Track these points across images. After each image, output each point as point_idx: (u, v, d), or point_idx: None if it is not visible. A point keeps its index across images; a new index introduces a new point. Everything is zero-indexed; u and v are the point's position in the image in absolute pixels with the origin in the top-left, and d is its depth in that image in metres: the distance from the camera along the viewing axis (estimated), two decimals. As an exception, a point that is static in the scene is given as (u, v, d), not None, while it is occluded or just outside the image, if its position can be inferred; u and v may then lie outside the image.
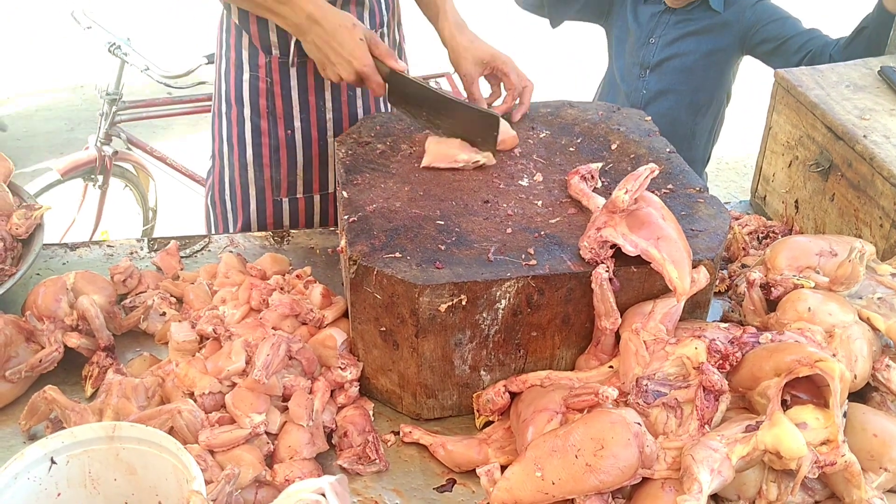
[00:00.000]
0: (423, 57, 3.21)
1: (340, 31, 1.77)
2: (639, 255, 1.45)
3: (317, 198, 2.22)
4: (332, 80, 1.84)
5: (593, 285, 1.46)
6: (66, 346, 1.62)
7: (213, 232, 2.35)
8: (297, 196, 2.20)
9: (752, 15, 2.71)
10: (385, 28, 2.14)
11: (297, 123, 2.12)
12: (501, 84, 2.03)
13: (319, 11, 1.78)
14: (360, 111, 2.17)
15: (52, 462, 1.26)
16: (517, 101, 1.99)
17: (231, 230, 2.28)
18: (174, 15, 6.80)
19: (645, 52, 2.86)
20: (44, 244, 1.85)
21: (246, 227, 2.24)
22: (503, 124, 1.80)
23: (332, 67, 1.81)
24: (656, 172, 1.48)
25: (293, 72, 2.06)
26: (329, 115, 2.13)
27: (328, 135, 2.15)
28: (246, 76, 2.10)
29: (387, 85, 1.83)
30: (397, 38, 2.23)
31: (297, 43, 1.97)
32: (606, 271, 1.45)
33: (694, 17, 2.78)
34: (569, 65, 6.95)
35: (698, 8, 2.77)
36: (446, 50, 2.06)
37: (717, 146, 3.12)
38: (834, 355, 1.37)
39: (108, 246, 2.01)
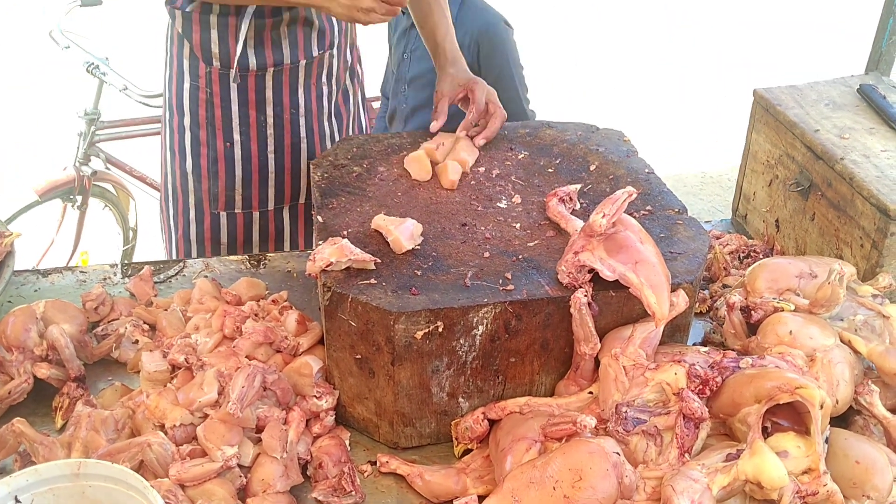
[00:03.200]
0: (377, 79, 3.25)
1: None
2: (617, 280, 1.43)
3: (256, 214, 2.18)
4: (373, 21, 1.77)
5: (572, 310, 1.44)
6: (35, 377, 1.58)
7: (167, 241, 2.33)
8: (236, 211, 2.17)
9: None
10: (334, 49, 2.13)
11: (237, 137, 2.09)
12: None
13: None
14: (302, 130, 2.14)
15: (17, 501, 1.22)
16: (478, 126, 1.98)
17: (174, 239, 2.26)
18: (152, 35, 6.78)
19: (402, 67, 2.85)
20: (15, 270, 1.81)
21: (186, 238, 2.22)
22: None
23: (363, 10, 1.74)
24: (634, 196, 1.47)
25: (233, 85, 2.04)
26: (270, 132, 2.10)
27: (268, 150, 2.11)
28: (186, 85, 2.08)
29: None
30: (349, 59, 2.22)
31: (240, 57, 1.98)
32: (585, 296, 1.43)
33: None
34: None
35: None
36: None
37: (700, 160, 3.11)
38: (816, 380, 1.36)
39: (81, 272, 1.98)
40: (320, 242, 1.56)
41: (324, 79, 2.14)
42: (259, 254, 2.06)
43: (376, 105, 3.37)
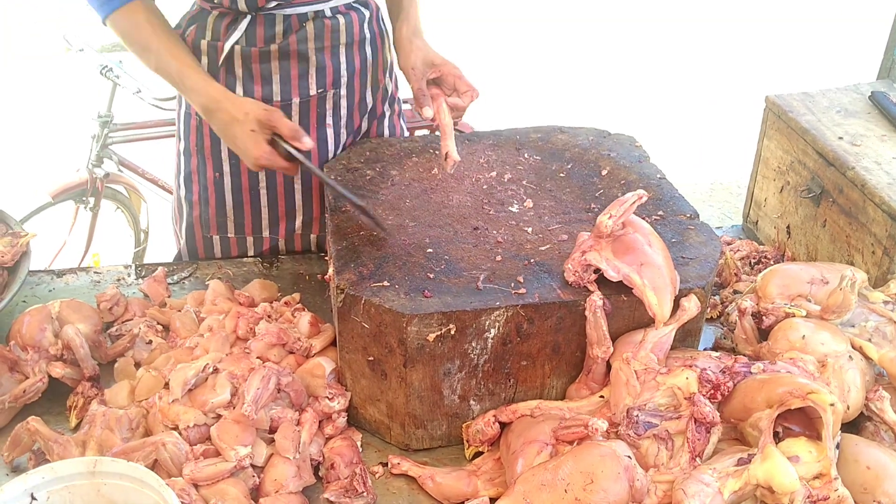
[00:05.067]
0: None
1: (232, 126, 1.70)
2: (622, 281, 1.44)
3: (250, 239, 2.08)
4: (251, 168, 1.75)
5: (587, 312, 1.44)
6: (50, 376, 1.59)
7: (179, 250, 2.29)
8: (229, 235, 2.07)
9: None
10: (344, 89, 1.96)
11: (226, 167, 1.98)
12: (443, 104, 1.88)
13: (214, 104, 1.72)
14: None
15: (33, 498, 1.23)
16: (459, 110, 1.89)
17: (177, 251, 2.20)
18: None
19: None
20: (30, 271, 1.83)
21: (182, 255, 2.16)
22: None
23: (240, 157, 1.74)
24: (644, 199, 1.47)
25: None
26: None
27: (260, 185, 1.99)
28: (182, 110, 2.01)
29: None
30: (368, 100, 2.04)
31: (225, 85, 1.85)
32: (601, 299, 1.44)
33: None
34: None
35: None
36: (397, 52, 1.96)
37: (711, 167, 3.10)
38: (827, 385, 1.36)
39: (96, 273, 1.99)
40: (333, 244, 1.57)
41: (328, 120, 1.97)
42: (271, 256, 2.08)
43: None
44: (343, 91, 1.97)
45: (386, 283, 1.47)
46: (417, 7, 1.99)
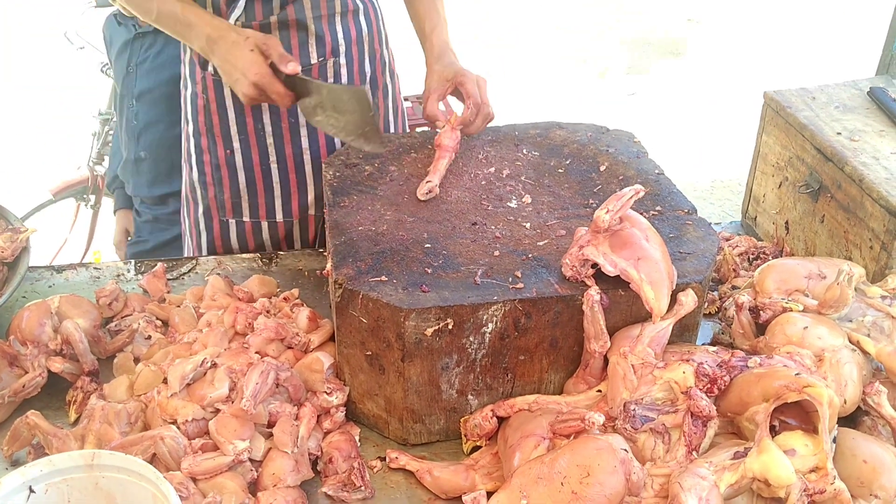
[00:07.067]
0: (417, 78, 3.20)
1: (234, 48, 1.74)
2: (619, 276, 1.44)
3: (265, 224, 2.15)
4: (244, 101, 1.77)
5: (584, 307, 1.45)
6: (49, 371, 1.60)
7: (188, 249, 2.32)
8: (244, 219, 2.15)
9: None
10: (343, 58, 2.04)
11: (237, 144, 2.06)
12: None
13: (217, 32, 1.76)
14: (304, 141, 2.07)
15: (31, 491, 1.24)
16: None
17: (192, 246, 2.24)
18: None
19: (127, 81, 2.69)
20: (30, 266, 1.83)
21: (199, 246, 2.20)
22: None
23: (236, 86, 1.76)
24: (641, 194, 1.48)
25: (226, 90, 2.00)
26: (269, 141, 2.05)
27: (270, 160, 2.07)
28: (189, 92, 2.07)
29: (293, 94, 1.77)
30: (367, 70, 2.12)
31: None
32: (598, 293, 1.44)
33: (165, 37, 2.58)
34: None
35: None
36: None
37: (710, 165, 3.10)
38: (824, 379, 1.36)
39: (95, 268, 2.00)
40: (332, 239, 1.57)
41: None
42: (271, 252, 2.08)
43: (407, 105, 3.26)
44: (342, 59, 2.05)
45: (384, 278, 1.48)
46: (441, 27, 2.05)
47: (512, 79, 6.92)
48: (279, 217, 2.14)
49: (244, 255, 2.06)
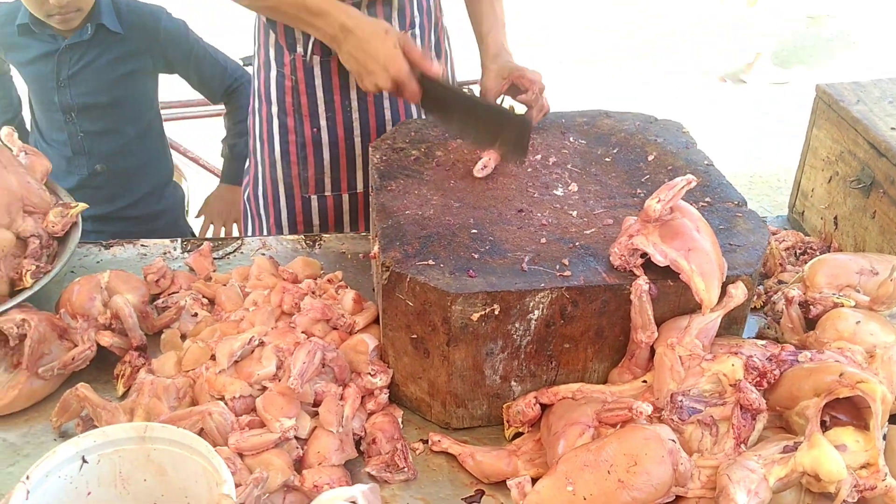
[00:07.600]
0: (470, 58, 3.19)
1: (374, 38, 1.76)
2: (669, 267, 1.43)
3: (345, 196, 2.23)
4: (371, 90, 1.82)
5: (632, 297, 1.44)
6: (98, 345, 1.62)
7: (249, 228, 2.37)
8: (326, 194, 2.21)
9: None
10: (418, 29, 2.13)
11: (323, 122, 2.12)
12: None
13: (352, 21, 1.78)
14: (387, 113, 2.16)
15: (84, 461, 1.26)
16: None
17: (265, 226, 2.29)
18: (212, 17, 6.86)
19: (60, 95, 2.50)
20: (79, 242, 1.86)
21: (277, 224, 2.25)
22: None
23: (369, 77, 1.79)
24: (693, 184, 1.46)
25: (317, 71, 2.06)
26: (355, 116, 2.13)
27: (354, 135, 2.15)
28: (273, 73, 2.12)
29: (421, 90, 1.81)
30: (433, 39, 2.21)
31: (317, 41, 1.98)
32: (647, 283, 1.43)
33: (98, 46, 2.47)
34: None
35: (98, 35, 2.45)
36: None
37: (751, 160, 3.06)
38: (875, 376, 1.34)
39: (142, 245, 2.02)
40: (378, 222, 1.58)
41: None
42: (315, 234, 2.09)
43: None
44: (417, 31, 2.13)
45: (431, 262, 1.48)
46: (498, 27, 2.09)
47: (558, 69, 6.89)
48: (359, 188, 2.21)
49: (288, 237, 2.07)
